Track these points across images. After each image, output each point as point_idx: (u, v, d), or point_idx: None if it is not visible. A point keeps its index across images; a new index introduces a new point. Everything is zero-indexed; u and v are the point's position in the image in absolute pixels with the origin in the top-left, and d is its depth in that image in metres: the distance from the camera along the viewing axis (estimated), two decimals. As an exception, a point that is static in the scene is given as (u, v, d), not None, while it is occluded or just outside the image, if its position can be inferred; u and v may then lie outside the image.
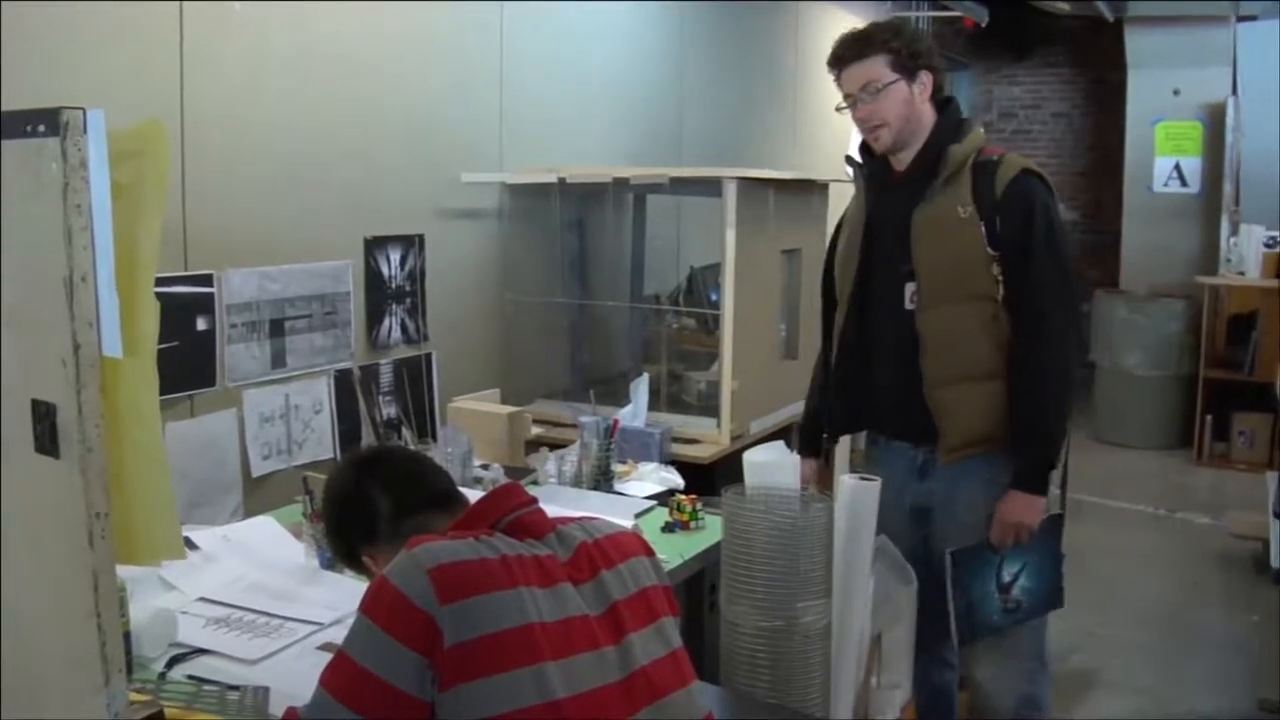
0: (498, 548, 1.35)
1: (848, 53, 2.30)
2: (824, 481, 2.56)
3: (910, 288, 2.29)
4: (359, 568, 1.60)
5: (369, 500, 1.55)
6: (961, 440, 2.28)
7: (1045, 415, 2.26)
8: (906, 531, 2.38)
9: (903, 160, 2.34)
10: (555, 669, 1.30)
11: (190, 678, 1.67)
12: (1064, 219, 2.29)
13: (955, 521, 2.34)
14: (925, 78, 2.29)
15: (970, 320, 2.26)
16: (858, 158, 2.44)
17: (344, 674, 1.28)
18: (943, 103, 2.34)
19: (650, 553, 1.54)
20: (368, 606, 1.30)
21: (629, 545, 1.52)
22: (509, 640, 1.28)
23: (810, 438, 2.62)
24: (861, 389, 2.43)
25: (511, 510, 1.44)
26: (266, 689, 1.61)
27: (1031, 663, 2.42)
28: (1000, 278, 2.23)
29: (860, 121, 2.32)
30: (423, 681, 1.25)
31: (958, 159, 2.25)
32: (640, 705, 1.37)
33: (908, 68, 2.27)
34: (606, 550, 1.47)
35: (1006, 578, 2.34)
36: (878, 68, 2.26)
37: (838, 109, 2.37)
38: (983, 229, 2.22)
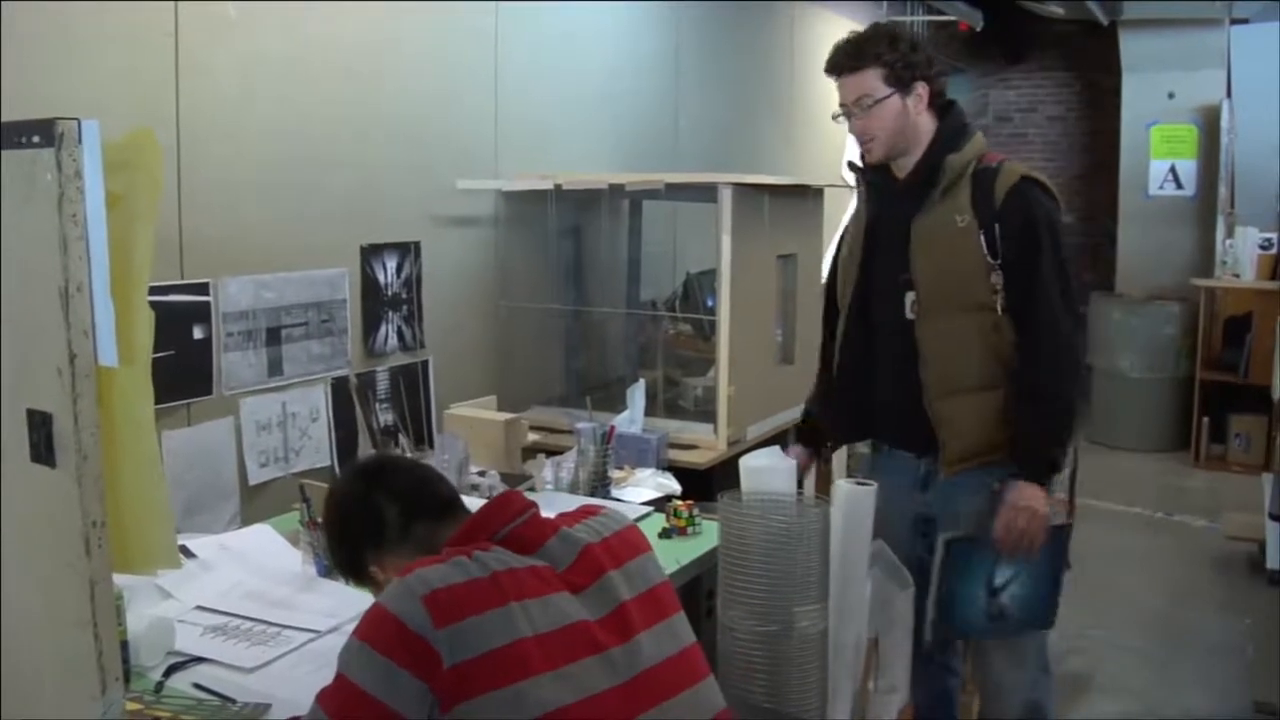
0: (488, 565, 1.36)
1: (843, 63, 2.30)
2: (820, 483, 2.56)
3: (910, 297, 2.29)
4: (364, 579, 1.58)
5: (376, 507, 1.54)
6: (962, 452, 2.27)
7: (1052, 423, 2.24)
8: (909, 540, 2.37)
9: (903, 168, 2.33)
10: (550, 680, 1.31)
11: (195, 685, 1.67)
12: (1063, 222, 2.29)
13: (958, 531, 2.32)
14: (921, 89, 2.27)
15: (969, 331, 2.25)
16: (859, 163, 2.42)
17: (345, 697, 1.29)
18: (944, 108, 2.32)
19: (649, 547, 1.55)
20: (365, 633, 1.31)
21: (637, 542, 1.53)
22: (500, 657, 1.29)
23: (807, 439, 2.62)
24: (864, 398, 2.42)
25: (508, 522, 1.45)
26: (268, 704, 1.60)
27: (1036, 670, 2.41)
28: (999, 287, 2.22)
29: (854, 134, 2.33)
30: (422, 705, 1.27)
31: (956, 169, 2.25)
32: (644, 708, 1.38)
33: (902, 80, 2.26)
34: (615, 549, 1.48)
35: (999, 581, 2.29)
36: (871, 81, 2.26)
37: (833, 117, 2.37)
38: (981, 238, 2.21)
